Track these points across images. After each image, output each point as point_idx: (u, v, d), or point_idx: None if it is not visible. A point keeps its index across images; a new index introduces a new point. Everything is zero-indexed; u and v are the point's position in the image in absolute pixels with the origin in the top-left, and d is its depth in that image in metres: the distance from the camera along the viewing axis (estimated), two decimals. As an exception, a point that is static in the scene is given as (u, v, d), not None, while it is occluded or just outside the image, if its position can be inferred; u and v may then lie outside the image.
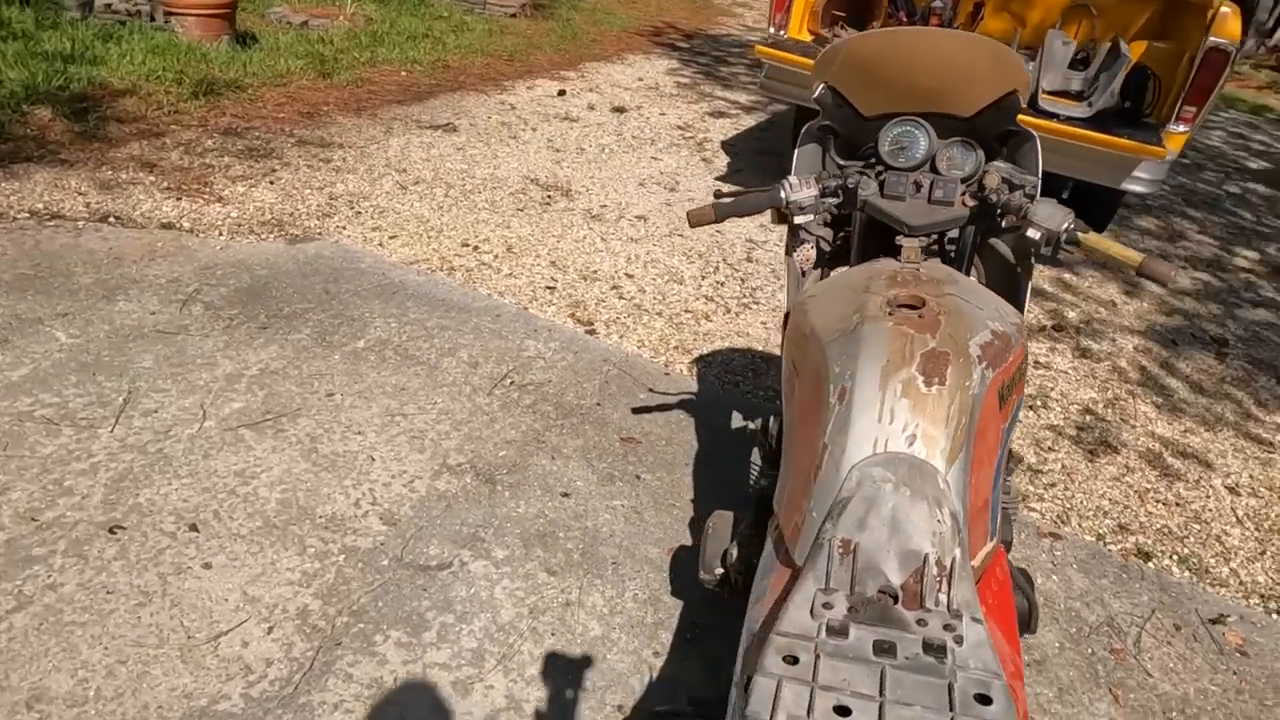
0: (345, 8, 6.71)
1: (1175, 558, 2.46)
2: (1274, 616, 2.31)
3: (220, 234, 3.35)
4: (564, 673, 1.79)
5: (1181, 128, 3.67)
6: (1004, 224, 1.49)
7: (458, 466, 2.32)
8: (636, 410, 2.67)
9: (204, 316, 2.80)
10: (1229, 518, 2.68)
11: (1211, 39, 3.49)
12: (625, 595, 2.01)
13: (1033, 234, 1.40)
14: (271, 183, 3.85)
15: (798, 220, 1.54)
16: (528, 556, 2.07)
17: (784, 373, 1.46)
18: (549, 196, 4.21)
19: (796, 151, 1.82)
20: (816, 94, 1.70)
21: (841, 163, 1.78)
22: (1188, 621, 2.23)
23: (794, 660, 0.97)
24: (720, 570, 1.60)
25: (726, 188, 1.62)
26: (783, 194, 1.52)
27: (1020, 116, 1.63)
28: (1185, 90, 3.59)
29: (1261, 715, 1.99)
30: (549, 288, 3.35)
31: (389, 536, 2.05)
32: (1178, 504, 2.71)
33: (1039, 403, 3.12)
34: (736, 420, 2.73)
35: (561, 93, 5.94)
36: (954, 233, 1.68)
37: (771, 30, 4.16)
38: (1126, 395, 3.30)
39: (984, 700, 0.89)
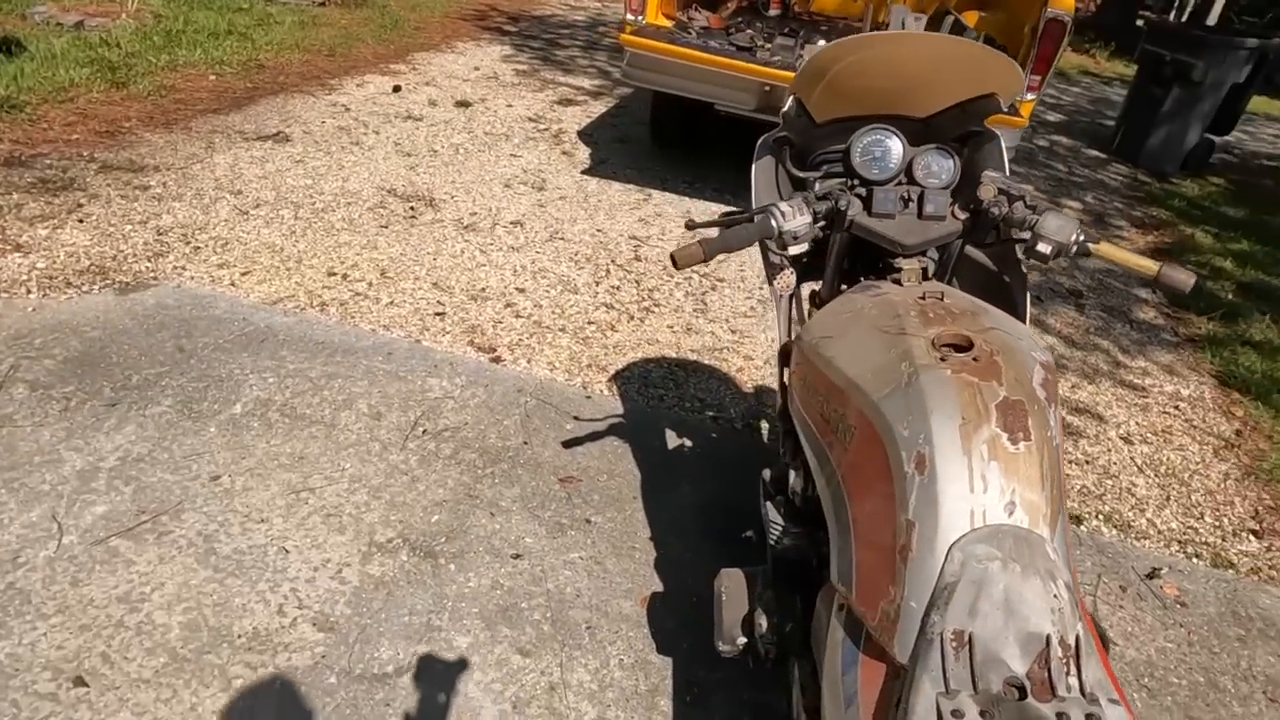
0: (128, 4, 5.87)
1: (1101, 517, 2.57)
2: (1195, 561, 2.46)
3: (28, 291, 2.80)
4: (569, 772, 1.60)
5: (1030, 96, 3.86)
6: (1002, 237, 1.42)
7: (388, 543, 2.04)
8: (567, 444, 2.47)
9: (30, 400, 2.31)
10: (1132, 468, 2.85)
11: (1050, 10, 3.67)
12: (610, 663, 1.83)
13: (1044, 248, 1.34)
14: (80, 220, 3.28)
15: (792, 251, 1.40)
16: (494, 639, 1.84)
17: (804, 425, 1.33)
18: (412, 208, 3.86)
19: (754, 167, 1.69)
20: (786, 106, 1.56)
21: (798, 174, 1.67)
22: (1129, 581, 2.33)
23: (943, 789, 0.85)
24: (743, 639, 1.46)
25: (699, 217, 1.48)
26: (774, 223, 1.37)
27: None
28: (1030, 60, 3.76)
29: (1214, 664, 2.11)
30: (438, 314, 3.05)
31: (329, 645, 1.76)
32: (1087, 462, 2.84)
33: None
34: (671, 440, 2.59)
35: (397, 89, 5.50)
36: None
37: (629, 17, 3.98)
38: (1015, 358, 3.44)
39: None
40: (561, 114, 5.57)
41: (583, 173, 4.61)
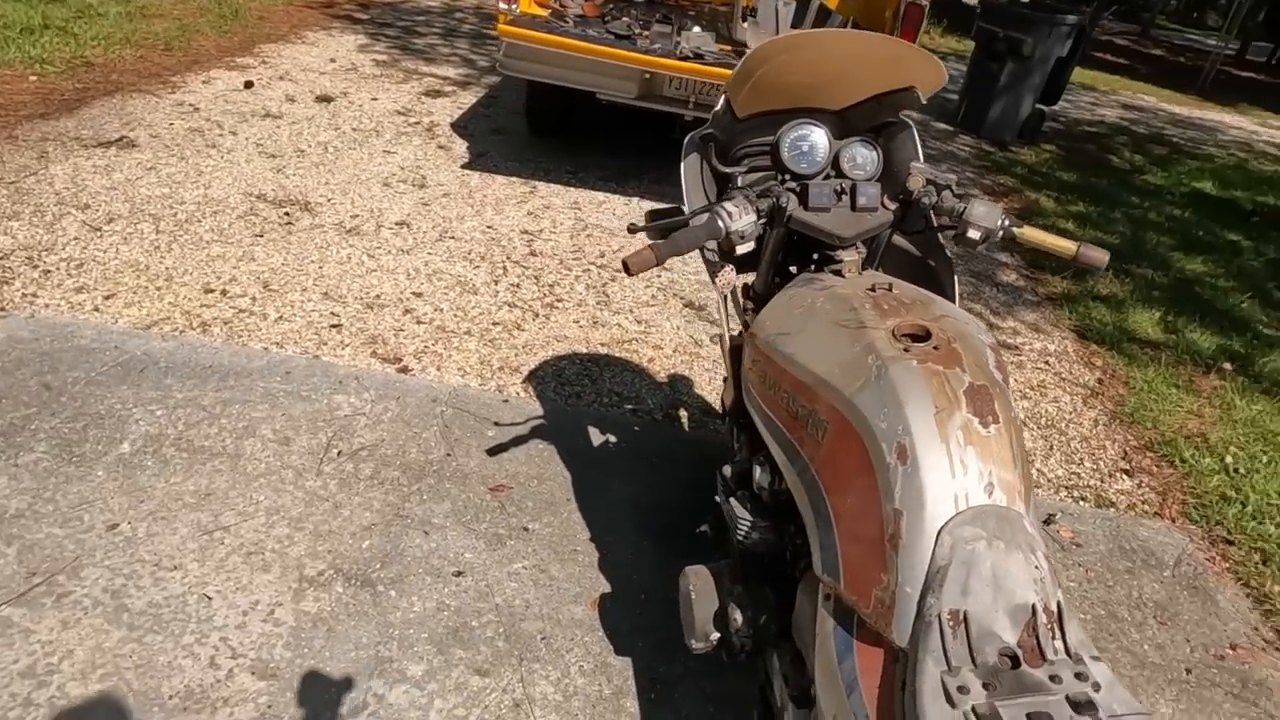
0: (-83, -4, 5.20)
1: (997, 472, 2.76)
2: (1081, 504, 2.69)
3: None
4: (547, 788, 1.58)
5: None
6: (931, 225, 1.49)
7: (320, 576, 1.93)
8: (492, 451, 2.42)
9: (-127, 460, 2.03)
10: (1017, 423, 3.07)
11: (909, -6, 3.86)
12: (571, 671, 1.81)
13: (973, 234, 1.41)
14: (-101, 249, 2.89)
15: (740, 251, 1.42)
16: (449, 663, 1.78)
17: (767, 420, 1.35)
18: (287, 214, 3.63)
19: (682, 165, 1.69)
20: (718, 106, 1.57)
21: (723, 169, 1.69)
22: (1030, 529, 2.52)
23: (961, 764, 0.90)
24: (716, 635, 1.48)
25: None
26: (721, 224, 1.38)
27: None
28: (894, 43, 3.94)
29: (1109, 596, 2.32)
30: (334, 326, 2.90)
31: (274, 694, 1.65)
32: (978, 421, 3.04)
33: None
34: (595, 437, 2.57)
35: (249, 84, 5.14)
36: None
37: (503, 6, 3.88)
38: (902, 327, 3.63)
39: None
40: (431, 106, 5.38)
41: (463, 167, 4.48)
